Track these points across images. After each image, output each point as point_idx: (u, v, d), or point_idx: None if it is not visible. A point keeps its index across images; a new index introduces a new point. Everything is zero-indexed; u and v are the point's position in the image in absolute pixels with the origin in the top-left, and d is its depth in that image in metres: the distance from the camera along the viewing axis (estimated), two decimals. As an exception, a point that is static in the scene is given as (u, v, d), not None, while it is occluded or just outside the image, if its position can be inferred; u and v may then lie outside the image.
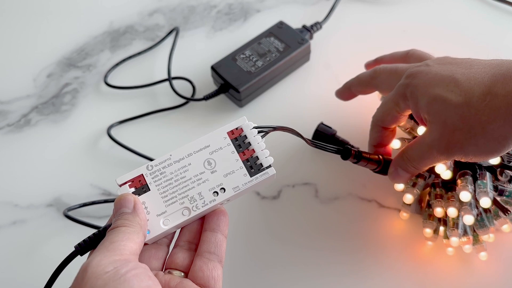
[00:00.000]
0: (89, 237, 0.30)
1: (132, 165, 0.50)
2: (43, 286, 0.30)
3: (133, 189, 0.31)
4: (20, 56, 0.60)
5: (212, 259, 0.31)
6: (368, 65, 0.48)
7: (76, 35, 0.61)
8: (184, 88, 0.55)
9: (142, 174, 0.31)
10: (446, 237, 0.41)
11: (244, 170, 0.32)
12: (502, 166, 0.39)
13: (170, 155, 0.32)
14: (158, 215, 0.31)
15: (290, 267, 0.44)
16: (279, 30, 0.55)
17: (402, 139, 0.44)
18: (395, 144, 0.43)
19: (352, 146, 0.46)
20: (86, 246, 0.30)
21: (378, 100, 0.47)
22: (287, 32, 0.54)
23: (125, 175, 0.31)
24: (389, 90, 0.40)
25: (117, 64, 0.57)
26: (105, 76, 0.56)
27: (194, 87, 0.55)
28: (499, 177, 0.39)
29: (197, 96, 0.55)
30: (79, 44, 0.60)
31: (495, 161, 0.39)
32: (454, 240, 0.40)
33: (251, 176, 0.31)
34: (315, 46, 0.56)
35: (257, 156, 0.32)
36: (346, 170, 0.48)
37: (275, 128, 0.33)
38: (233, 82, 0.51)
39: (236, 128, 0.33)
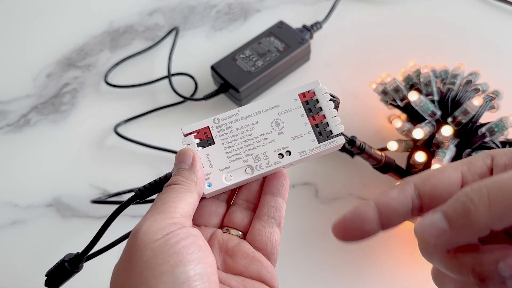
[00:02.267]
0: (150, 183, 0.30)
1: (133, 165, 0.50)
2: (98, 229, 0.30)
3: (197, 140, 0.30)
4: (20, 56, 0.60)
5: (271, 223, 0.30)
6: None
7: (76, 35, 0.61)
8: (185, 86, 0.55)
9: (208, 126, 0.30)
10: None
11: (313, 135, 0.30)
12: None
13: (238, 111, 0.31)
14: (221, 169, 0.30)
15: (290, 267, 0.43)
16: (279, 30, 0.55)
17: (399, 141, 0.44)
18: (392, 146, 0.43)
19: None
20: (146, 192, 0.30)
21: (377, 100, 0.47)
22: (287, 32, 0.54)
23: (191, 125, 0.30)
24: None
25: (117, 64, 0.57)
26: (106, 75, 0.56)
27: (196, 83, 0.55)
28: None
29: (197, 96, 0.55)
30: (78, 44, 0.60)
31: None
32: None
33: (319, 142, 0.30)
34: (315, 46, 0.56)
35: (327, 123, 0.31)
36: (346, 170, 0.48)
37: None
38: (233, 82, 0.51)
39: (308, 91, 0.31)
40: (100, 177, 0.50)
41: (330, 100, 0.31)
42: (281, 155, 0.30)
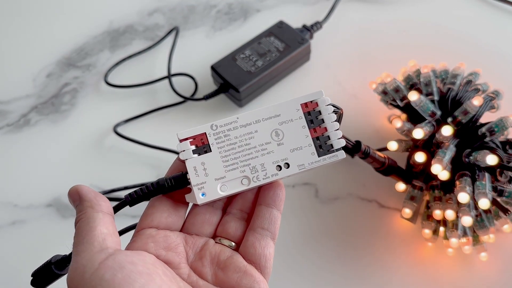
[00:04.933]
0: (141, 189, 0.29)
1: (132, 165, 0.50)
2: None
3: (193, 147, 0.29)
4: (20, 56, 0.60)
5: (265, 236, 0.29)
6: None
7: (76, 35, 0.61)
8: (186, 86, 0.55)
9: (205, 133, 0.29)
10: (446, 237, 0.41)
11: (313, 148, 0.29)
12: (501, 166, 0.39)
13: (237, 118, 0.29)
14: (217, 179, 0.29)
15: (290, 267, 0.43)
16: (279, 29, 0.55)
17: (399, 141, 0.44)
18: (392, 146, 0.43)
19: None
20: (136, 198, 0.29)
21: (377, 100, 0.47)
22: (287, 31, 0.54)
23: (187, 130, 0.29)
24: None
25: (117, 64, 0.57)
26: (106, 75, 0.56)
27: (196, 83, 0.55)
28: (499, 178, 0.39)
29: (197, 96, 0.55)
30: (78, 44, 0.60)
31: (494, 161, 0.38)
32: (453, 241, 0.40)
33: (319, 156, 0.29)
34: (315, 46, 0.56)
35: (328, 136, 0.30)
36: (346, 170, 0.48)
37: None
38: (233, 82, 0.51)
39: (311, 102, 0.30)
40: (100, 177, 0.50)
41: (333, 111, 0.30)
42: (279, 167, 0.29)
